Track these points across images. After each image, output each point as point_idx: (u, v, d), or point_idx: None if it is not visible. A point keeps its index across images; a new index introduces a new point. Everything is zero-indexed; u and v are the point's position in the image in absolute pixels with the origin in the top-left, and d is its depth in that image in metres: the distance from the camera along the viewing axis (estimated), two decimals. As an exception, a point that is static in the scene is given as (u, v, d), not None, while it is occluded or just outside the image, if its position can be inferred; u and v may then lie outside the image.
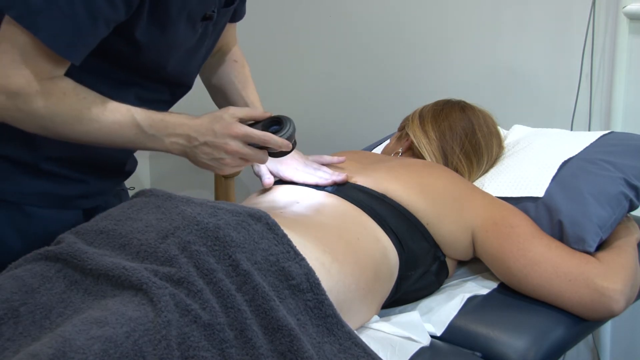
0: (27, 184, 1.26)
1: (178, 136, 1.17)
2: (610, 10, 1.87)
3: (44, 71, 1.10)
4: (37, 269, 1.02)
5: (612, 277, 1.24)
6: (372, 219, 1.26)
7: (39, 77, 1.09)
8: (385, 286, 1.23)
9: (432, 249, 1.30)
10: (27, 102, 1.10)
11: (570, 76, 1.95)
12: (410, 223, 1.29)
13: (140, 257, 1.02)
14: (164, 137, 1.17)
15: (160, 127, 1.17)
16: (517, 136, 1.66)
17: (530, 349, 1.21)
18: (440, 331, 1.25)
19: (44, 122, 1.13)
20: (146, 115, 1.16)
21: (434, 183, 1.36)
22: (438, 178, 1.38)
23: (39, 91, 1.10)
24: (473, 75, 2.15)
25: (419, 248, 1.29)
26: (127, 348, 0.88)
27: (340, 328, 1.03)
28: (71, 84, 1.14)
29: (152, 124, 1.16)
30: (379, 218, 1.27)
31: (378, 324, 1.22)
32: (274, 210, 1.18)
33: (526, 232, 1.29)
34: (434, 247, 1.30)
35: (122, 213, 1.12)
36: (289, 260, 1.05)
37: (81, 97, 1.13)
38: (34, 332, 0.94)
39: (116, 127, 1.15)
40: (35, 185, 1.27)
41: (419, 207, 1.31)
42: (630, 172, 1.40)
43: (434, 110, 1.55)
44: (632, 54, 1.85)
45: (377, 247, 1.21)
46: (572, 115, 1.96)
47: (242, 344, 0.95)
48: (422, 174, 1.38)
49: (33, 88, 1.09)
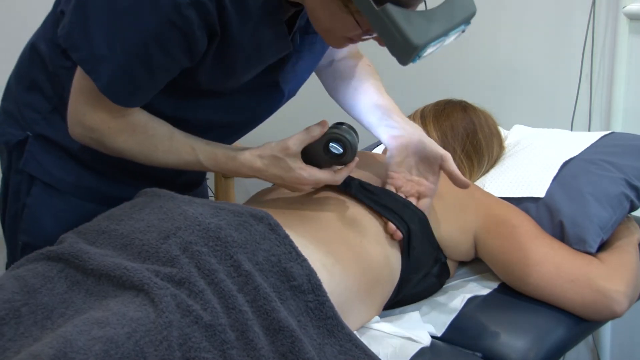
0: (76, 176, 1.30)
1: (245, 175, 1.21)
2: (610, 10, 1.87)
3: (115, 110, 1.15)
4: (39, 269, 1.02)
5: (615, 278, 1.24)
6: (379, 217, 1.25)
7: (111, 115, 1.15)
8: (386, 289, 1.23)
9: (434, 251, 1.30)
10: (101, 137, 1.17)
11: (570, 76, 1.95)
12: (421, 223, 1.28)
13: (141, 257, 1.02)
14: (230, 174, 1.24)
15: (225, 168, 1.21)
16: (518, 136, 1.66)
17: (530, 350, 1.21)
18: (440, 331, 1.25)
19: (119, 153, 1.20)
20: (210, 157, 1.20)
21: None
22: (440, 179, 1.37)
23: (111, 128, 1.16)
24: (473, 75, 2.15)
25: (422, 253, 1.28)
26: (129, 349, 0.88)
27: (340, 330, 1.03)
28: (142, 119, 1.18)
29: (216, 165, 1.20)
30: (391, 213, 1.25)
31: (378, 324, 1.21)
32: (276, 211, 1.18)
33: (528, 232, 1.29)
34: (436, 249, 1.30)
35: (123, 213, 1.12)
36: (290, 261, 1.05)
37: (150, 134, 1.18)
38: (35, 333, 0.94)
39: (182, 164, 1.21)
40: (84, 180, 1.30)
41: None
42: (631, 173, 1.40)
43: (435, 110, 1.55)
44: (632, 54, 1.85)
45: (379, 250, 1.21)
46: (572, 115, 1.96)
47: (243, 345, 0.95)
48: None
49: (105, 125, 1.16)
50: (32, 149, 1.29)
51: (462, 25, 1.05)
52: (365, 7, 0.98)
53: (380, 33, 1.01)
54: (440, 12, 1.03)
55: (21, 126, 1.30)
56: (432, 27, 1.01)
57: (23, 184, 1.31)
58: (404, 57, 1.01)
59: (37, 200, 1.30)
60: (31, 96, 1.29)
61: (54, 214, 1.30)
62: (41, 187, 1.30)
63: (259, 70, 1.22)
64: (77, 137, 1.20)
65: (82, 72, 1.12)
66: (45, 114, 1.28)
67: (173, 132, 1.20)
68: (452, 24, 1.03)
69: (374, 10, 0.98)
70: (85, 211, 1.26)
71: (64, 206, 1.30)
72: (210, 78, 1.18)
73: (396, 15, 0.98)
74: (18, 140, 1.30)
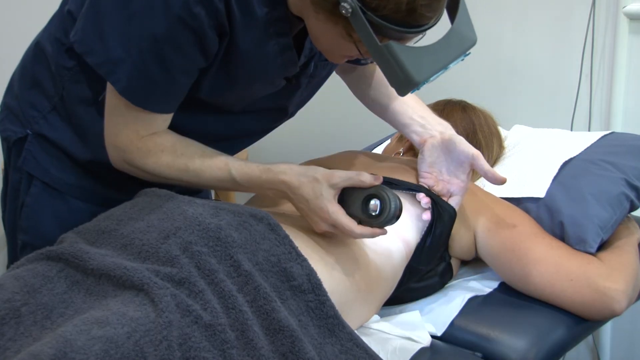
0: (75, 177, 1.29)
1: (275, 191, 1.16)
2: (610, 10, 1.87)
3: (143, 128, 1.15)
4: (39, 269, 1.02)
5: (614, 277, 1.24)
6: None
7: (139, 135, 1.16)
8: (387, 287, 1.23)
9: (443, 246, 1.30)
10: (132, 158, 1.18)
11: (570, 76, 1.95)
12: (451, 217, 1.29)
13: (141, 257, 1.02)
14: (260, 190, 1.20)
15: (257, 184, 1.17)
16: (518, 136, 1.66)
17: (530, 350, 1.21)
18: (440, 331, 1.25)
19: (149, 175, 1.19)
20: (243, 172, 1.16)
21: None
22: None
23: (140, 149, 1.16)
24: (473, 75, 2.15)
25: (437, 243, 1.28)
26: (128, 348, 0.88)
27: (341, 329, 1.03)
28: (170, 140, 1.18)
29: (249, 180, 1.17)
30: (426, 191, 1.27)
31: (378, 324, 1.21)
32: (276, 211, 1.18)
33: (528, 231, 1.30)
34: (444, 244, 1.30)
35: (123, 213, 1.12)
36: (290, 261, 1.05)
37: (179, 153, 1.17)
38: (35, 332, 0.94)
39: (214, 182, 1.19)
40: (83, 181, 1.30)
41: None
42: (631, 173, 1.40)
43: (434, 110, 1.54)
44: (632, 54, 1.85)
45: (378, 248, 1.21)
46: (572, 115, 1.96)
47: (243, 344, 0.95)
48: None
49: (134, 146, 1.16)
50: (31, 148, 1.29)
51: (461, 56, 1.05)
52: (368, 41, 0.98)
53: (382, 66, 1.01)
54: (441, 46, 1.03)
55: (22, 123, 1.30)
56: (433, 61, 1.02)
57: (22, 182, 1.31)
58: (404, 90, 1.03)
59: (35, 199, 1.30)
60: (33, 94, 1.29)
61: (53, 214, 1.30)
62: (40, 187, 1.30)
63: (261, 89, 1.21)
64: (114, 161, 1.20)
65: (111, 91, 1.13)
66: (45, 113, 1.28)
67: (204, 151, 1.18)
68: (452, 57, 1.04)
69: (377, 46, 0.98)
70: (83, 212, 1.26)
71: (63, 206, 1.30)
72: (213, 86, 1.17)
73: (398, 52, 0.98)
74: (18, 137, 1.30)
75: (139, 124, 1.15)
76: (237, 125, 1.30)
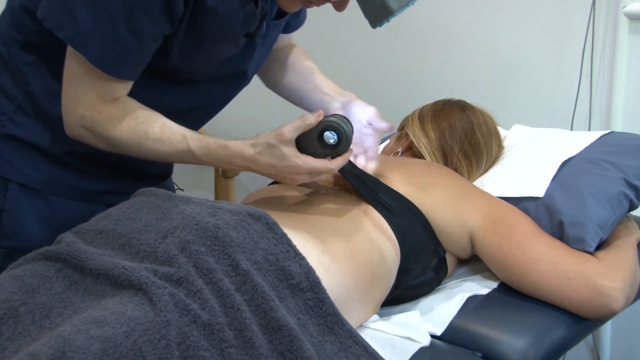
0: (50, 173, 1.28)
1: (237, 165, 1.19)
2: (610, 10, 1.87)
3: (106, 93, 1.15)
4: (37, 269, 1.02)
5: (612, 275, 1.24)
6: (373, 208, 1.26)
7: (101, 99, 1.15)
8: (383, 286, 1.23)
9: (432, 242, 1.31)
10: (93, 125, 1.16)
11: (570, 76, 1.95)
12: (411, 211, 1.29)
13: (139, 256, 1.02)
14: (221, 164, 1.21)
15: (217, 157, 1.19)
16: (517, 136, 1.66)
17: (530, 349, 1.21)
18: (440, 331, 1.25)
19: (110, 143, 1.19)
20: (202, 145, 1.18)
21: (433, 182, 1.36)
22: (437, 177, 1.38)
23: (102, 114, 1.16)
24: (473, 75, 2.15)
25: (419, 240, 1.29)
26: (127, 348, 0.88)
27: (341, 327, 1.03)
28: (132, 105, 1.18)
29: (208, 153, 1.18)
30: (381, 206, 1.27)
31: (378, 323, 1.21)
32: (273, 209, 1.18)
33: (526, 231, 1.29)
34: (434, 240, 1.31)
35: (121, 213, 1.12)
36: (288, 260, 1.05)
37: (140, 120, 1.17)
38: (33, 332, 0.94)
39: (173, 153, 1.19)
40: (58, 176, 1.29)
41: (417, 198, 1.31)
42: (630, 172, 1.40)
43: (433, 110, 1.55)
44: (632, 54, 1.85)
45: (372, 247, 1.21)
46: (572, 115, 1.96)
47: (241, 343, 0.95)
48: (421, 173, 1.38)
49: (96, 110, 1.15)
50: (1, 152, 1.27)
51: None
52: None
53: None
54: None
55: None
56: None
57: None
58: (378, 20, 1.05)
59: (14, 203, 1.28)
60: None
61: (35, 215, 1.29)
62: (17, 190, 1.27)
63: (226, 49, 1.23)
64: (72, 129, 1.19)
65: (71, 56, 1.13)
66: (10, 115, 1.26)
67: (164, 121, 1.19)
68: None
69: None
70: (64, 208, 1.26)
71: (44, 205, 1.29)
72: (183, 50, 1.18)
73: None
74: None
75: (103, 89, 1.14)
76: (199, 96, 1.31)
